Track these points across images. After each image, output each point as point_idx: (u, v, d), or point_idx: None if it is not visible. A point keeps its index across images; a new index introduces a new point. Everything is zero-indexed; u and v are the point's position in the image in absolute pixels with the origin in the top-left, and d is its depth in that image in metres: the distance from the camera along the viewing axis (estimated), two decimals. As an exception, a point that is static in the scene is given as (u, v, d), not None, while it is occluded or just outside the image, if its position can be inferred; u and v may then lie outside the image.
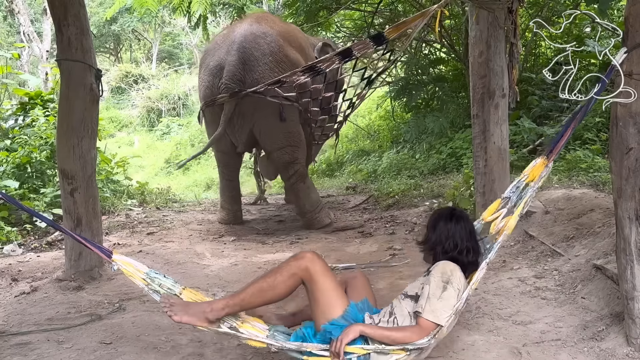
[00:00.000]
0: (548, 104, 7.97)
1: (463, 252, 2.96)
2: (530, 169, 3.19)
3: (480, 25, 5.23)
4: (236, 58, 6.28)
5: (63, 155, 4.78)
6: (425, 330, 2.67)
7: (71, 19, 4.64)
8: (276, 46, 6.48)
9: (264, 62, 6.32)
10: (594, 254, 4.15)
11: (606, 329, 3.31)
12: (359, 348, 2.66)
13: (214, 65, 6.47)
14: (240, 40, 6.42)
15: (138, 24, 29.93)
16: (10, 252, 5.92)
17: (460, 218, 3.07)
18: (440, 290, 2.71)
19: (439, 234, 3.02)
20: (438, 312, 2.67)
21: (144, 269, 3.04)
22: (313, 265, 2.80)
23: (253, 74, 6.27)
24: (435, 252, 3.01)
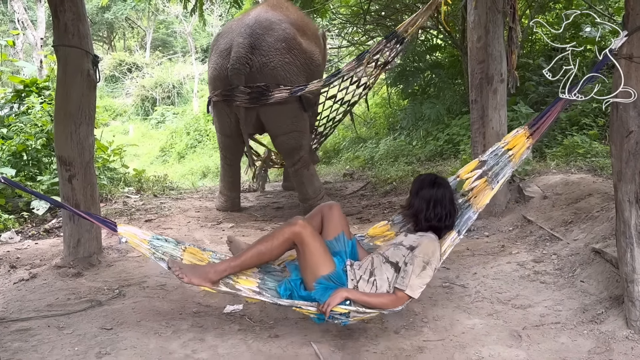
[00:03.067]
0: (545, 90, 7.98)
1: (443, 218, 3.28)
2: (511, 137, 3.37)
3: (479, 9, 5.23)
4: (247, 41, 6.31)
5: (61, 142, 4.75)
6: (400, 300, 3.12)
7: (67, 4, 4.60)
8: (291, 33, 6.55)
9: (276, 47, 6.37)
10: (593, 238, 4.17)
11: (605, 312, 3.33)
12: (342, 308, 3.06)
13: (223, 48, 6.51)
14: (253, 24, 6.46)
15: (131, 12, 29.81)
16: (8, 240, 5.90)
17: (441, 185, 3.34)
18: (419, 269, 3.10)
19: (421, 201, 3.32)
20: (414, 287, 3.10)
21: (148, 237, 3.35)
22: (304, 229, 3.19)
23: (262, 58, 6.30)
24: (418, 218, 3.35)
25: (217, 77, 6.57)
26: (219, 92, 6.54)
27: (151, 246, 3.31)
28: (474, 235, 5.19)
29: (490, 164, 3.37)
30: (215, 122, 7.22)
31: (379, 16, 11.33)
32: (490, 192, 3.35)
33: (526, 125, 3.32)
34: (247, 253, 3.29)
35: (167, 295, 4.14)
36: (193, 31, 28.57)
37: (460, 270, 4.32)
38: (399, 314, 3.57)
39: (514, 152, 3.30)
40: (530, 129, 3.28)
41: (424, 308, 3.71)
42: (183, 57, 30.05)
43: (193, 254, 3.44)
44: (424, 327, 3.47)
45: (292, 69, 6.48)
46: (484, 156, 3.44)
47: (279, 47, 6.40)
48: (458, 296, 3.88)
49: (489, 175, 3.36)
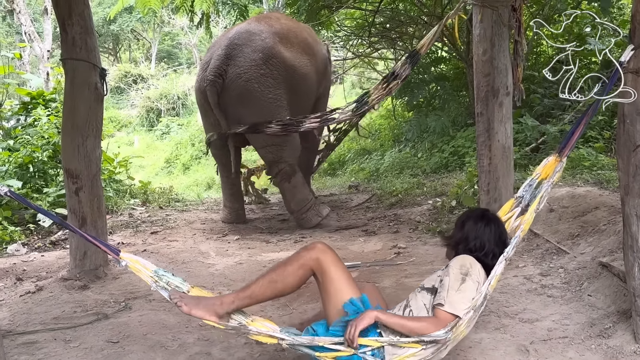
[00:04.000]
0: (550, 102, 7.98)
1: (489, 255, 2.86)
2: (542, 167, 3.16)
3: (484, 23, 5.23)
4: (223, 52, 6.37)
5: (68, 155, 4.78)
6: (442, 321, 2.57)
7: (75, 18, 4.65)
8: (270, 43, 6.51)
9: (252, 57, 6.36)
10: (600, 251, 4.15)
11: (613, 327, 3.31)
12: (373, 340, 2.58)
13: (205, 60, 6.65)
14: (233, 36, 6.52)
15: (137, 24, 29.94)
16: (15, 252, 5.92)
17: (490, 220, 2.98)
18: (458, 283, 2.65)
19: (466, 233, 2.95)
20: (456, 303, 2.59)
21: (151, 267, 2.97)
22: (324, 255, 2.75)
23: (236, 69, 6.33)
24: (458, 249, 2.93)
25: (198, 89, 6.70)
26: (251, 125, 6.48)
27: (155, 274, 2.94)
28: (480, 249, 5.18)
29: (527, 198, 3.23)
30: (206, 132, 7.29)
31: (384, 29, 11.37)
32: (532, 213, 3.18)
33: (556, 152, 3.21)
34: (257, 282, 2.80)
35: (173, 309, 4.09)
36: (198, 43, 28.68)
37: (466, 284, 4.29)
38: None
39: (550, 177, 3.18)
40: (559, 153, 3.18)
41: (431, 322, 3.68)
42: (188, 69, 30.12)
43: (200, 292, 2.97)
44: (430, 341, 3.45)
45: (268, 80, 6.44)
46: (519, 192, 3.29)
47: (255, 57, 6.38)
48: (465, 310, 3.86)
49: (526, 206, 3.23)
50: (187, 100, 25.10)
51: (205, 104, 6.64)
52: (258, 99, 6.38)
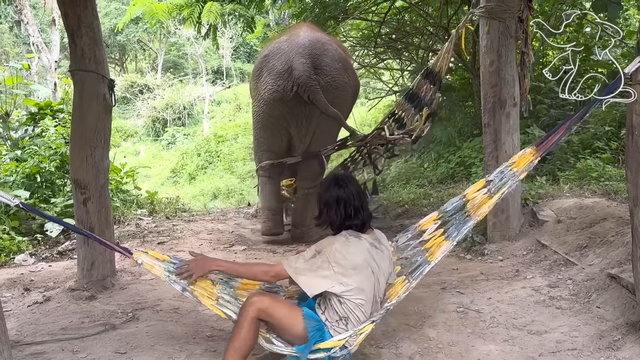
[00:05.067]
0: (557, 113, 7.97)
1: (351, 215, 3.13)
2: (518, 157, 3.36)
3: (491, 34, 5.25)
4: (308, 61, 6.31)
5: (76, 165, 4.80)
6: (272, 270, 3.08)
7: (84, 29, 4.68)
8: (342, 53, 6.77)
9: (335, 67, 6.48)
10: (608, 263, 4.14)
11: (622, 339, 3.30)
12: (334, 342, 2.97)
13: (282, 69, 6.41)
14: (308, 44, 6.46)
15: (143, 34, 30.13)
16: (22, 262, 5.93)
17: (343, 184, 3.20)
18: (309, 255, 3.06)
19: (325, 204, 3.19)
20: (294, 265, 3.02)
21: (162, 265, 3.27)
22: (262, 304, 2.97)
23: (325, 77, 6.37)
24: (329, 222, 3.20)
25: (279, 99, 6.47)
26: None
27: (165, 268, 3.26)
28: (487, 260, 5.17)
29: (496, 183, 3.37)
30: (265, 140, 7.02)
31: (390, 39, 11.40)
32: (489, 202, 3.32)
33: (534, 144, 3.33)
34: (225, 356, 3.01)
35: (181, 319, 4.14)
36: (204, 53, 28.84)
37: (474, 295, 4.28)
38: (414, 340, 3.56)
39: (519, 169, 3.31)
40: (537, 147, 3.29)
41: (439, 333, 3.68)
42: (194, 79, 30.31)
43: (203, 287, 3.25)
44: (438, 352, 3.44)
45: (348, 89, 6.65)
46: (490, 176, 3.45)
47: (337, 67, 6.49)
48: (473, 321, 3.85)
49: (492, 190, 3.37)
50: (193, 110, 25.22)
51: (286, 114, 6.53)
52: (342, 107, 6.55)
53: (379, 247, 3.19)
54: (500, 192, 3.29)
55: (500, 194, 3.29)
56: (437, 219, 3.54)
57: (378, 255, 3.13)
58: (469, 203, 3.40)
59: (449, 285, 4.55)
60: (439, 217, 3.54)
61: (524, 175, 3.34)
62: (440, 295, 4.32)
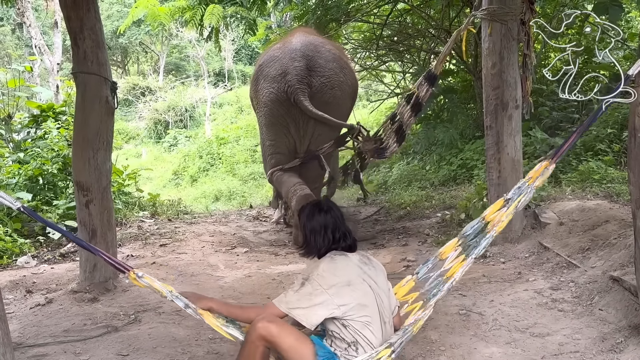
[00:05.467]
0: (559, 115, 7.97)
1: (339, 240, 2.99)
2: (534, 172, 3.21)
3: (493, 37, 5.26)
4: (302, 64, 6.36)
5: (78, 167, 4.81)
6: (265, 311, 2.86)
7: (87, 32, 4.69)
8: (337, 53, 6.76)
9: (330, 67, 6.48)
10: (611, 265, 4.14)
11: (625, 341, 3.30)
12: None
13: (277, 73, 6.47)
14: (301, 47, 6.54)
15: (145, 37, 30.16)
16: (24, 264, 5.94)
17: (327, 209, 3.08)
18: (298, 285, 2.83)
19: (311, 232, 3.02)
20: (285, 300, 2.81)
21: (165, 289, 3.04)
22: (267, 331, 2.78)
23: (320, 78, 6.39)
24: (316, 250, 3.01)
25: (277, 103, 6.48)
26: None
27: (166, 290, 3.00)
28: (489, 262, 5.17)
29: (514, 199, 3.28)
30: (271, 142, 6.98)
31: (392, 41, 11.41)
32: (507, 213, 3.24)
33: (549, 158, 3.23)
34: None
35: (183, 321, 4.14)
36: (206, 55, 28.85)
37: (476, 298, 4.28)
38: (416, 342, 3.56)
39: (536, 182, 3.23)
40: (552, 159, 3.20)
41: (441, 336, 3.68)
42: (196, 81, 30.30)
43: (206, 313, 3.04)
44: (441, 355, 3.45)
45: (346, 88, 6.65)
46: (509, 194, 3.33)
47: (332, 66, 6.52)
48: (475, 324, 3.85)
49: (510, 206, 3.28)
50: (195, 112, 25.23)
51: (285, 115, 6.53)
52: (340, 106, 6.58)
53: (370, 263, 3.03)
54: (518, 203, 3.18)
55: (519, 204, 3.18)
56: (457, 245, 3.38)
57: (371, 270, 2.97)
58: (490, 224, 3.27)
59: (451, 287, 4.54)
60: (459, 244, 3.38)
61: (541, 183, 3.23)
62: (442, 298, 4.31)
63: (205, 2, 8.42)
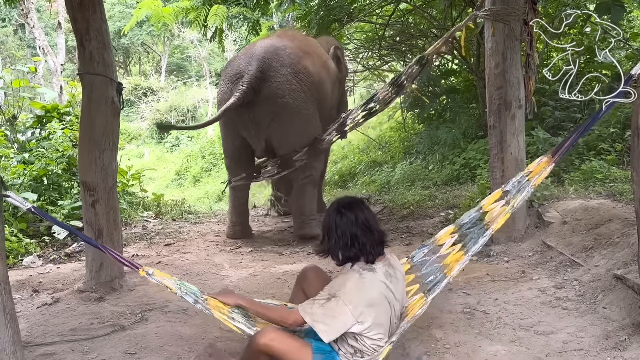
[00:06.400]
0: (561, 115, 7.98)
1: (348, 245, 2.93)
2: (534, 166, 3.27)
3: (496, 37, 5.28)
4: (255, 68, 6.29)
5: (85, 168, 4.84)
6: (291, 317, 2.96)
7: (93, 33, 4.72)
8: (295, 58, 6.54)
9: (282, 73, 6.36)
10: (614, 264, 4.16)
11: (628, 339, 3.32)
12: None
13: (233, 74, 6.49)
14: (260, 51, 6.47)
15: (147, 37, 30.21)
16: (30, 264, 5.97)
17: (346, 210, 3.00)
18: (323, 300, 2.86)
19: (327, 232, 3.02)
20: (309, 310, 2.85)
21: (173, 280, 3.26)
22: (266, 340, 2.89)
23: (270, 84, 6.30)
24: (336, 255, 3.01)
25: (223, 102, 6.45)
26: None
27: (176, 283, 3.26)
28: (493, 261, 5.19)
29: (513, 193, 3.33)
30: (223, 145, 7.25)
31: (394, 41, 11.43)
32: (506, 210, 3.29)
33: (549, 153, 3.29)
34: None
35: (189, 320, 4.17)
36: (207, 56, 28.90)
37: (481, 296, 4.31)
38: (421, 340, 3.59)
39: (535, 178, 3.28)
40: (552, 155, 3.25)
41: (446, 334, 3.70)
42: (197, 82, 30.36)
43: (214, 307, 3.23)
44: (445, 353, 3.46)
45: (300, 95, 6.46)
46: (507, 186, 3.40)
47: (285, 72, 6.39)
48: (479, 322, 3.87)
49: (509, 200, 3.34)
50: (197, 112, 25.25)
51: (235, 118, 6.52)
52: (294, 114, 6.41)
53: (394, 274, 3.02)
54: (516, 200, 3.23)
55: (516, 202, 3.23)
56: (453, 232, 3.48)
57: (393, 283, 2.97)
58: (487, 215, 3.33)
59: (455, 286, 4.57)
60: (455, 231, 3.47)
61: (539, 181, 3.28)
62: (446, 296, 4.34)
63: (209, 3, 8.44)
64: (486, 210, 3.37)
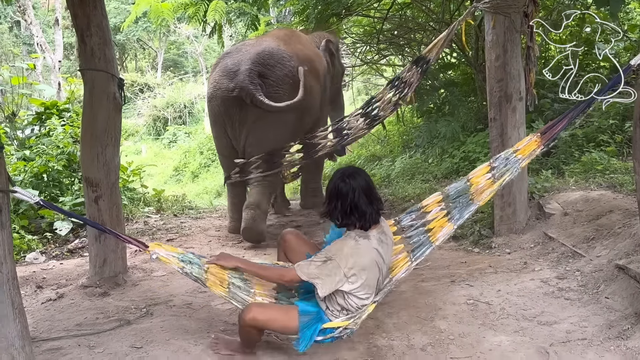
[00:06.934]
0: (560, 107, 7.97)
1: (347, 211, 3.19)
2: (523, 145, 3.41)
3: (497, 29, 5.29)
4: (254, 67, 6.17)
5: (87, 164, 4.85)
6: (287, 275, 3.25)
7: (94, 29, 4.71)
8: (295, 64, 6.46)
9: (280, 75, 6.29)
10: (616, 254, 4.19)
11: (631, 328, 3.35)
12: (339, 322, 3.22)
13: (229, 68, 6.32)
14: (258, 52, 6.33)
15: (143, 33, 30.16)
16: (33, 260, 5.98)
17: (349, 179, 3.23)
18: (320, 262, 3.14)
19: (329, 196, 3.28)
20: (306, 269, 3.13)
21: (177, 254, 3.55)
22: (252, 315, 3.17)
23: (268, 88, 6.20)
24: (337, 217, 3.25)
25: (219, 97, 6.38)
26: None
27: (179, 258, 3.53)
28: (495, 253, 5.21)
29: (500, 169, 3.46)
30: (215, 142, 7.13)
31: (392, 35, 11.42)
32: (492, 187, 3.42)
33: (538, 132, 3.40)
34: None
35: (194, 314, 4.19)
36: (204, 51, 28.86)
37: (483, 288, 4.33)
38: (425, 332, 3.61)
39: (523, 155, 3.39)
40: (541, 135, 3.35)
41: (450, 325, 3.73)
42: (194, 77, 30.34)
43: (214, 274, 3.50)
44: (450, 344, 3.49)
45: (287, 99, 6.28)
46: (495, 162, 3.52)
47: (282, 76, 6.30)
48: (483, 313, 3.90)
49: (496, 175, 3.46)
50: (194, 108, 25.25)
51: (223, 113, 6.40)
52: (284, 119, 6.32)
53: (385, 240, 3.28)
54: (503, 178, 3.43)
55: (503, 180, 3.42)
56: (440, 201, 3.64)
57: (383, 248, 3.24)
58: (472, 187, 3.52)
59: (458, 278, 4.60)
60: (442, 200, 3.63)
61: (526, 163, 3.45)
62: (449, 288, 4.37)
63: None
64: (472, 182, 3.53)
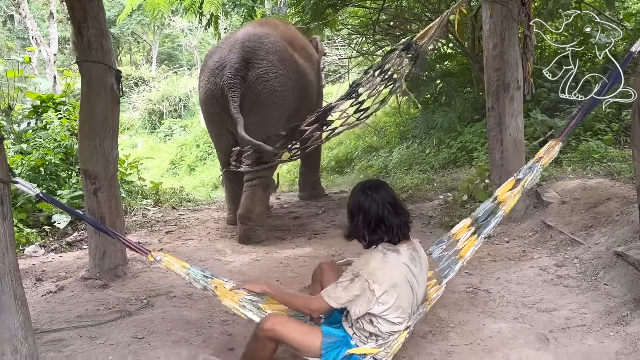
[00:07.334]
0: (557, 96, 7.99)
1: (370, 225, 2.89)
2: (543, 152, 3.26)
3: (494, 18, 5.29)
4: (239, 56, 6.10)
5: (85, 156, 4.84)
6: (315, 303, 2.92)
7: (91, 21, 4.69)
8: (281, 45, 6.40)
9: (268, 59, 6.18)
10: (614, 241, 4.21)
11: (630, 314, 3.37)
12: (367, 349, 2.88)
13: (215, 66, 6.27)
14: (243, 39, 6.26)
15: (137, 27, 30.02)
16: (32, 253, 5.97)
17: (371, 191, 2.95)
18: (347, 282, 2.82)
19: (351, 212, 2.99)
20: (333, 295, 2.82)
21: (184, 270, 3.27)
22: (271, 325, 2.89)
23: (256, 71, 6.12)
24: (362, 236, 2.95)
25: (211, 97, 6.31)
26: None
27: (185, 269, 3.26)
28: (494, 241, 5.23)
29: (524, 178, 3.32)
30: (212, 138, 7.11)
31: (388, 26, 11.39)
32: (518, 195, 3.28)
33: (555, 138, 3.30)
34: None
35: (195, 305, 4.20)
36: (198, 44, 28.77)
37: (483, 276, 4.36)
38: (425, 320, 3.62)
39: (545, 161, 3.27)
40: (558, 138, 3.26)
41: (450, 313, 3.75)
42: (189, 71, 30.21)
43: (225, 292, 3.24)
44: (450, 332, 3.51)
45: (287, 82, 6.29)
46: (519, 174, 3.37)
47: (271, 59, 6.20)
48: (483, 301, 3.92)
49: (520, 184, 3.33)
50: (189, 102, 25.17)
51: (221, 112, 6.31)
52: (279, 100, 6.21)
53: (418, 259, 2.97)
54: (525, 181, 3.22)
55: (526, 182, 3.22)
56: (470, 225, 3.42)
57: (417, 269, 2.91)
58: (501, 204, 3.27)
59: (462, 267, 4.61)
60: (471, 224, 3.41)
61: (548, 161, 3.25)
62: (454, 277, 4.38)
63: (205, -11, 8.41)
64: (500, 200, 3.30)
